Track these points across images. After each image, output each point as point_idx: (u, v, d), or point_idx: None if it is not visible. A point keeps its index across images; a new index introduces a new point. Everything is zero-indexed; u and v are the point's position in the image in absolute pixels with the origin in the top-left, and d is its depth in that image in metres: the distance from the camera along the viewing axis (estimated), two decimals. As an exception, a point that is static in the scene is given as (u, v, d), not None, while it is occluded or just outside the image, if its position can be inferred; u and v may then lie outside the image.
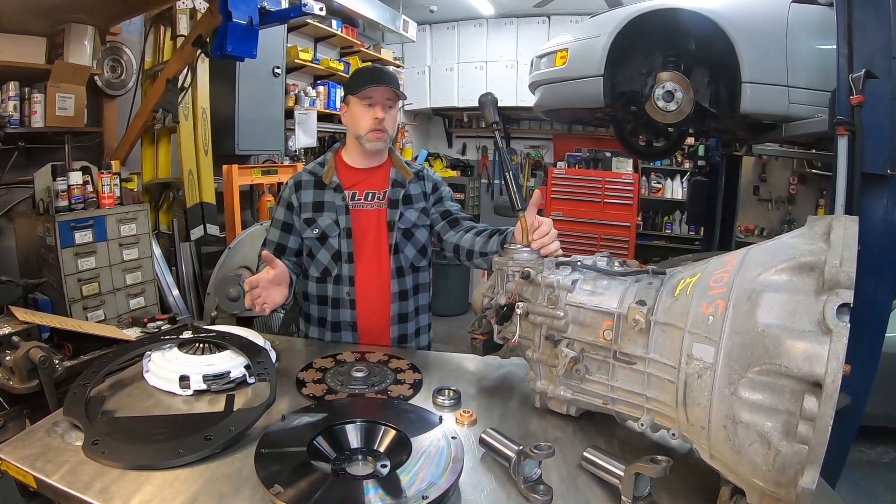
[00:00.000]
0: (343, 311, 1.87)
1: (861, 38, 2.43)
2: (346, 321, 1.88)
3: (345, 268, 1.86)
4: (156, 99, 3.41)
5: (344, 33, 6.61)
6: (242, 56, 2.72)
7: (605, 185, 7.65)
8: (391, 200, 1.90)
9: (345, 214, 1.86)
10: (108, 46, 3.69)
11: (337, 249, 1.85)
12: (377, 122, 1.81)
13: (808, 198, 7.79)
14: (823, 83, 3.20)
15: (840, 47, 2.48)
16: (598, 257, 1.34)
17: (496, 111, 1.56)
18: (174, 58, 3.48)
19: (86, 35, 3.35)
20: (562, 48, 3.95)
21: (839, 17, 2.48)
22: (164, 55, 3.94)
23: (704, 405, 0.94)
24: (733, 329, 0.93)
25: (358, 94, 1.81)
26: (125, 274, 3.31)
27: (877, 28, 2.40)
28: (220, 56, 2.66)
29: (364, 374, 1.45)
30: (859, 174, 2.40)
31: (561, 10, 7.33)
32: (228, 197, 4.22)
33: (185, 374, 1.29)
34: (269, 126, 5.02)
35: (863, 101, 2.35)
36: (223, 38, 2.53)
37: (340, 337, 1.88)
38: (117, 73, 3.78)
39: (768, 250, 1.02)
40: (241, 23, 2.49)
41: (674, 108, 3.65)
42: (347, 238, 1.86)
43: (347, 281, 1.86)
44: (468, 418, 1.27)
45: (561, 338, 1.23)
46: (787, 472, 0.83)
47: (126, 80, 3.84)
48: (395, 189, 1.92)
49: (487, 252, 1.75)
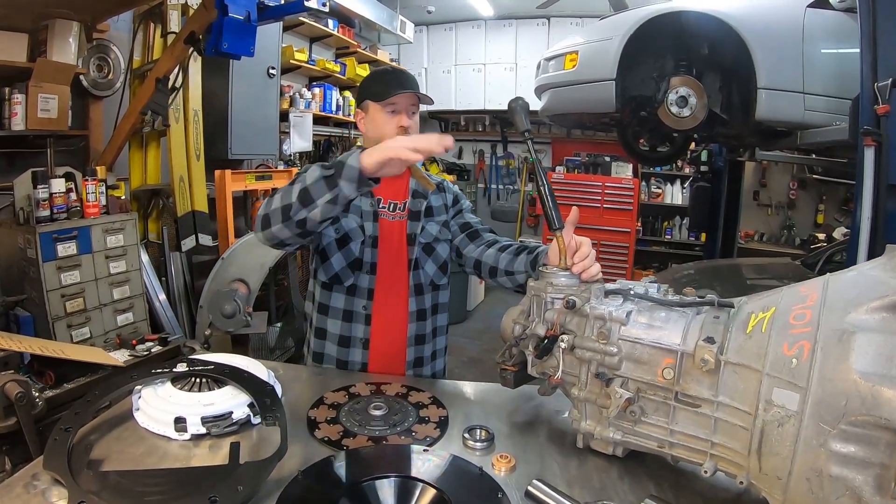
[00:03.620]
0: (356, 325, 1.71)
1: (886, 45, 2.37)
2: (358, 337, 1.72)
3: (364, 279, 1.70)
4: (145, 100, 3.24)
5: (340, 33, 6.49)
6: (239, 54, 2.57)
7: (605, 189, 7.60)
8: (412, 212, 1.77)
9: (372, 221, 1.71)
10: (95, 44, 3.51)
11: (357, 258, 1.69)
12: (402, 130, 1.66)
13: (807, 203, 7.80)
14: (840, 90, 3.15)
15: (864, 55, 2.43)
16: (648, 284, 1.20)
17: (527, 118, 1.42)
18: (164, 56, 3.31)
19: (71, 32, 3.18)
20: (571, 51, 3.86)
21: (863, 24, 2.44)
22: (154, 53, 3.77)
23: (785, 456, 0.84)
24: (823, 375, 0.83)
25: (381, 102, 1.66)
26: (112, 288, 3.14)
27: (901, 36, 2.35)
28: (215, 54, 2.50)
29: (383, 411, 1.31)
30: (885, 185, 2.33)
31: (562, 12, 7.25)
32: (221, 204, 4.05)
33: (180, 416, 1.13)
34: (264, 129, 4.86)
35: (889, 111, 2.28)
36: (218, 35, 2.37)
37: (348, 354, 1.72)
38: (104, 72, 3.60)
39: (854, 284, 0.92)
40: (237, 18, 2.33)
41: (688, 114, 3.57)
42: (373, 247, 1.71)
43: (366, 294, 1.70)
44: (506, 464, 1.12)
45: (613, 376, 1.10)
46: None
47: (113, 80, 3.65)
48: (415, 200, 1.78)
49: (514, 271, 1.62)
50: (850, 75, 2.97)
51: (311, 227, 1.42)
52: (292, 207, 1.39)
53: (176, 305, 3.83)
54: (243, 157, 4.80)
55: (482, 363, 4.98)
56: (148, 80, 3.31)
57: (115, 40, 3.66)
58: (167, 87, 3.36)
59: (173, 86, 3.49)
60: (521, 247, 1.68)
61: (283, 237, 1.45)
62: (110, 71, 3.63)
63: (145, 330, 3.26)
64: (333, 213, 1.39)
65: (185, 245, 3.95)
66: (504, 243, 1.75)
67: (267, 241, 1.52)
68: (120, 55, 3.68)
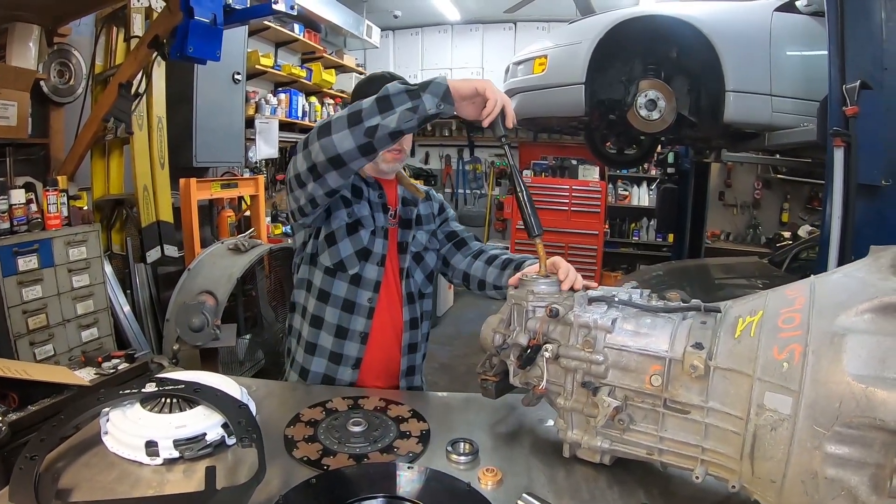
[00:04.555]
0: (357, 318, 1.64)
1: (853, 48, 2.43)
2: (357, 330, 1.64)
3: (372, 270, 1.64)
4: (107, 106, 3.12)
5: (306, 38, 6.41)
6: (205, 58, 2.47)
7: (572, 193, 7.66)
8: (402, 220, 1.73)
9: (382, 213, 1.67)
10: (56, 48, 3.37)
11: (365, 247, 1.62)
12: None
13: (772, 202, 8.01)
14: (806, 92, 3.21)
15: (832, 57, 2.49)
16: (630, 290, 1.19)
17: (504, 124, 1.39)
18: (128, 60, 3.20)
19: (31, 36, 3.05)
20: (541, 55, 3.87)
21: (831, 28, 2.50)
22: (117, 58, 3.63)
23: (779, 459, 0.85)
24: (816, 378, 0.83)
25: None
26: (76, 303, 3.01)
27: (868, 39, 2.41)
28: (180, 58, 2.41)
29: (363, 427, 1.26)
30: (855, 185, 2.38)
31: (528, 16, 7.31)
32: (186, 213, 3.92)
33: (152, 440, 1.07)
34: (229, 136, 4.72)
35: (857, 112, 2.33)
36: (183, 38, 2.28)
37: (343, 347, 1.64)
38: (65, 77, 3.46)
39: (842, 287, 0.93)
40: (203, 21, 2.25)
41: (657, 117, 3.60)
42: (384, 238, 1.65)
43: (372, 286, 1.64)
44: (493, 478, 1.09)
45: (600, 384, 1.07)
46: None
47: (75, 86, 3.51)
48: (406, 208, 1.74)
49: (502, 286, 1.60)
50: (816, 78, 3.04)
51: (379, 143, 1.34)
52: (363, 112, 1.32)
53: (141, 319, 3.70)
54: (208, 164, 4.65)
55: (453, 369, 4.94)
56: (111, 85, 3.19)
57: (76, 45, 3.53)
58: (130, 92, 3.25)
59: (136, 91, 3.38)
60: (508, 259, 1.67)
61: (342, 149, 1.35)
62: (72, 76, 3.49)
63: (111, 346, 3.14)
64: (409, 125, 1.31)
65: (151, 256, 3.82)
66: (491, 253, 1.73)
67: (309, 161, 1.42)
68: (81, 60, 3.54)
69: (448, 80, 1.31)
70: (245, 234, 4.11)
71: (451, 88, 1.30)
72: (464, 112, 1.36)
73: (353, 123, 1.33)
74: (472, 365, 5.26)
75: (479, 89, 1.32)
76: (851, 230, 2.30)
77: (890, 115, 2.35)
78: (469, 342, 5.62)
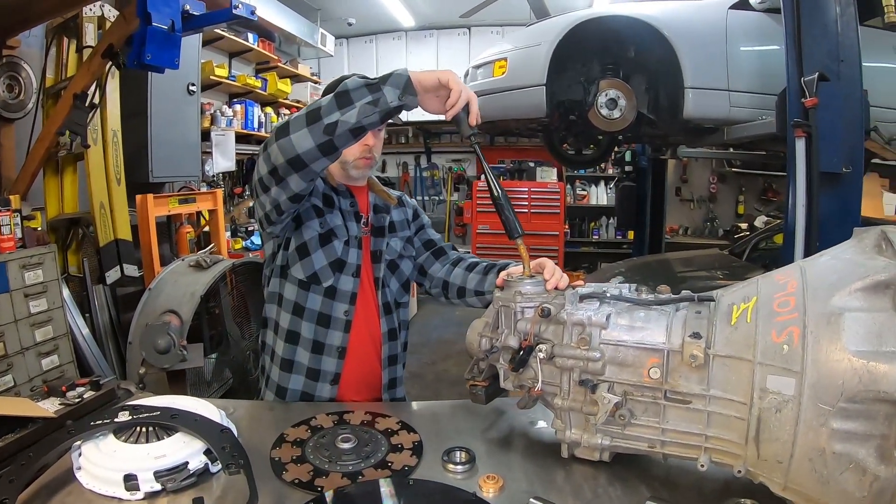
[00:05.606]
0: (333, 332, 1.57)
1: (809, 42, 2.51)
2: (334, 345, 1.57)
3: (347, 282, 1.57)
4: (61, 119, 2.96)
5: (261, 48, 6.29)
6: (163, 66, 2.37)
7: (531, 195, 7.72)
8: (375, 228, 1.67)
9: (354, 221, 1.61)
10: (4, 61, 3.21)
11: (339, 258, 1.56)
12: (367, 149, 1.58)
13: (727, 195, 8.26)
14: (762, 86, 3.30)
15: (789, 51, 2.56)
16: (619, 284, 1.17)
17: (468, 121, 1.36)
18: (81, 71, 3.04)
19: (-23, 49, 2.89)
20: (500, 58, 3.89)
21: (787, 23, 2.57)
22: (69, 70, 3.46)
23: (786, 440, 0.86)
24: (817, 358, 0.85)
25: None
26: (34, 329, 2.84)
27: (824, 33, 2.49)
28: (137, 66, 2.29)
29: (352, 443, 1.20)
30: (817, 173, 2.45)
31: (482, 21, 7.34)
32: (145, 231, 3.78)
33: (130, 473, 0.99)
34: (185, 149, 4.58)
35: (817, 103, 2.41)
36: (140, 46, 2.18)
37: (320, 363, 1.57)
38: (15, 92, 3.29)
39: (832, 269, 0.95)
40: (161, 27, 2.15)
41: (618, 116, 3.65)
42: (358, 248, 1.59)
43: (348, 298, 1.57)
44: (495, 485, 1.06)
45: (598, 381, 1.06)
46: (885, 495, 0.81)
47: (25, 101, 3.34)
48: (378, 215, 1.69)
49: (484, 291, 1.57)
50: (770, 72, 3.14)
51: (339, 140, 1.29)
52: (321, 109, 1.27)
53: (102, 343, 3.53)
54: (165, 179, 4.50)
55: (423, 377, 4.89)
56: (64, 97, 3.03)
57: (26, 57, 3.36)
58: (85, 104, 3.10)
59: (91, 103, 3.23)
60: (490, 265, 1.64)
61: (301, 149, 1.29)
62: (21, 90, 3.32)
63: (73, 373, 2.98)
64: (370, 119, 1.27)
65: (110, 277, 3.64)
66: (470, 261, 1.70)
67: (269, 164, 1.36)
68: (31, 73, 3.37)
69: (410, 72, 1.27)
70: (205, 250, 3.98)
71: (413, 80, 1.26)
72: (427, 105, 1.32)
73: (312, 121, 1.27)
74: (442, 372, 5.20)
75: (443, 80, 1.27)
76: (816, 216, 2.37)
77: (848, 104, 2.44)
78: (437, 349, 5.58)
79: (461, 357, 5.20)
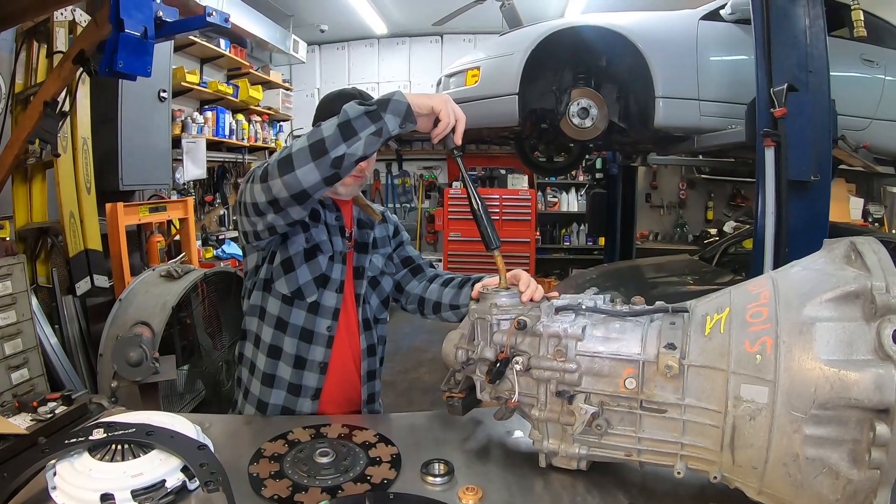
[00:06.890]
0: (315, 347, 1.55)
1: (779, 53, 2.57)
2: (317, 360, 1.56)
3: (331, 297, 1.55)
4: (30, 126, 2.87)
5: (232, 54, 6.23)
6: (135, 73, 2.30)
7: (503, 202, 7.75)
8: (358, 243, 1.66)
9: (339, 236, 1.59)
10: (-28, 67, 3.12)
11: (323, 273, 1.54)
12: (360, 169, 1.54)
13: (697, 201, 8.42)
14: (732, 96, 3.38)
15: (759, 62, 2.61)
16: (594, 296, 1.19)
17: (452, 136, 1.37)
18: (51, 77, 2.95)
19: (-56, 54, 2.80)
20: (473, 66, 3.91)
21: (757, 35, 2.63)
22: (39, 76, 3.37)
23: (760, 446, 0.89)
24: (789, 367, 0.88)
25: None
26: (2, 343, 2.74)
27: (793, 44, 2.55)
28: (109, 73, 2.23)
29: (331, 457, 1.19)
30: (786, 181, 2.50)
31: (454, 29, 7.37)
32: (115, 240, 3.69)
33: (107, 493, 0.97)
34: (156, 157, 4.50)
35: (786, 113, 2.47)
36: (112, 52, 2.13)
37: (302, 378, 1.56)
38: (-18, 98, 3.21)
39: (803, 280, 0.98)
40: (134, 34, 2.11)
41: (589, 125, 3.70)
42: (342, 264, 1.58)
43: (331, 314, 1.56)
44: (474, 497, 1.06)
45: (575, 392, 1.07)
46: (858, 497, 0.84)
47: (-7, 107, 3.26)
48: (362, 231, 1.68)
49: (459, 305, 1.57)
50: (740, 82, 3.21)
51: (345, 172, 1.28)
52: (326, 141, 1.24)
53: (72, 356, 3.43)
54: (135, 187, 4.41)
55: (396, 386, 4.86)
56: (34, 103, 2.93)
57: (-6, 62, 3.28)
58: (55, 111, 3.02)
59: (62, 111, 3.16)
60: (465, 278, 1.64)
61: (307, 184, 1.27)
62: (-10, 96, 3.24)
63: (44, 387, 2.87)
64: (373, 148, 1.26)
65: (80, 288, 3.55)
66: (445, 277, 1.70)
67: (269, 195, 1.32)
68: (0, 78, 3.30)
69: (407, 97, 1.27)
70: (176, 260, 3.91)
71: (410, 103, 1.26)
72: (419, 127, 1.33)
73: (318, 155, 1.25)
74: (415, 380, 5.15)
75: (436, 110, 1.30)
76: (786, 224, 2.42)
77: (816, 113, 2.51)
78: (408, 357, 5.56)
79: (433, 364, 5.21)
